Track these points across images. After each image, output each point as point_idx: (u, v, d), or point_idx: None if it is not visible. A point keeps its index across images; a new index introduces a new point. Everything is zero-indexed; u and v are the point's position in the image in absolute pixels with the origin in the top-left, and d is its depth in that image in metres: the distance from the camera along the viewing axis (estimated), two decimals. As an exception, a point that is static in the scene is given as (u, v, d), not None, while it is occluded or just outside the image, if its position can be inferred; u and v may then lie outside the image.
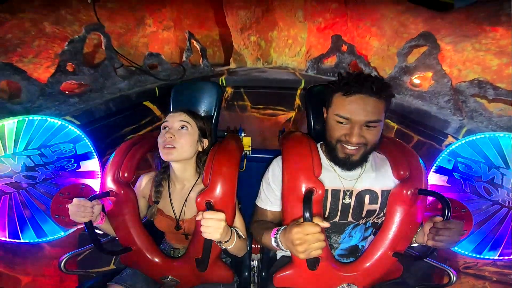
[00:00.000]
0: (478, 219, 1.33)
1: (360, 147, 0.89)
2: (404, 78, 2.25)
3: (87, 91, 1.96)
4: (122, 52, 2.44)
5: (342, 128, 0.89)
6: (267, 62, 3.51)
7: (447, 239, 0.80)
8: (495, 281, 1.58)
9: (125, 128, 2.19)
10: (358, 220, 1.00)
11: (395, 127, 2.29)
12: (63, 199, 1.27)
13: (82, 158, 1.44)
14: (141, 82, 2.36)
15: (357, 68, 2.71)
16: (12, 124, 1.32)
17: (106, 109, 1.98)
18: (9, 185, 1.33)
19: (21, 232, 1.34)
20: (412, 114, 2.12)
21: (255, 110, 2.99)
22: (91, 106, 1.90)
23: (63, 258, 1.03)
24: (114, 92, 2.13)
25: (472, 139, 1.37)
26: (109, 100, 2.03)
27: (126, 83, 2.23)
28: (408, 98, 2.21)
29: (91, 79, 1.99)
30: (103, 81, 2.06)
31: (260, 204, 1.08)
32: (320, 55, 2.93)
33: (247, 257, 1.24)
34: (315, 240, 0.72)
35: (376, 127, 0.88)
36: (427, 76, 2.20)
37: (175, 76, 2.61)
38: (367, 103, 0.85)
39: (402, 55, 2.23)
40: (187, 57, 2.75)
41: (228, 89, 2.87)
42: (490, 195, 1.34)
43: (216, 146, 1.03)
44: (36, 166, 1.37)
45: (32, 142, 1.35)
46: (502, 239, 1.32)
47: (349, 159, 0.92)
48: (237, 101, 2.95)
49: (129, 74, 2.30)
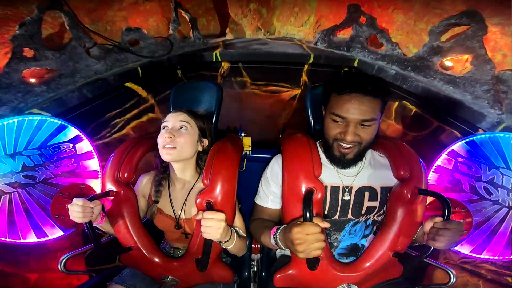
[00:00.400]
0: (478, 219, 1.33)
1: (354, 145, 0.91)
2: (434, 59, 1.98)
3: (56, 78, 1.75)
4: (96, 30, 2.13)
5: (338, 127, 0.91)
6: (269, 32, 3.10)
7: (447, 239, 0.80)
8: (489, 280, 1.58)
9: (108, 113, 2.04)
10: (358, 217, 1.00)
11: (413, 109, 2.10)
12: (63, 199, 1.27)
13: (82, 158, 1.44)
14: (120, 62, 2.10)
15: (376, 43, 2.43)
16: (12, 124, 1.32)
17: (80, 96, 1.78)
18: (9, 185, 1.33)
19: (21, 232, 1.34)
20: (441, 102, 1.85)
21: (255, 86, 2.71)
22: (61, 94, 1.70)
23: (63, 258, 1.03)
24: (89, 75, 1.91)
25: (472, 139, 1.37)
26: (83, 85, 1.82)
27: (102, 64, 1.99)
28: (437, 83, 1.94)
29: (58, 63, 1.76)
30: (73, 64, 1.84)
31: (259, 202, 1.09)
32: (333, 26, 2.56)
33: (247, 257, 1.24)
34: (315, 240, 0.73)
35: (371, 126, 0.89)
36: (461, 59, 1.96)
37: (161, 52, 2.32)
38: (362, 102, 0.86)
39: (435, 33, 1.94)
40: (174, 30, 2.45)
41: (224, 64, 2.61)
42: (490, 195, 1.34)
43: (216, 146, 1.03)
44: (36, 166, 1.37)
45: (32, 142, 1.35)
46: (502, 239, 1.32)
47: (344, 158, 0.94)
48: (235, 77, 2.69)
49: (105, 54, 2.04)
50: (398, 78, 2.08)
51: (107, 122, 2.03)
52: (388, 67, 2.18)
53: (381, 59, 2.27)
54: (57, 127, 1.39)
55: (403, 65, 2.12)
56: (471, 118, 1.72)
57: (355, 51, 2.41)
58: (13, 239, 1.33)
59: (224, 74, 2.67)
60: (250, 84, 2.70)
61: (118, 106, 2.10)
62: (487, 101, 1.73)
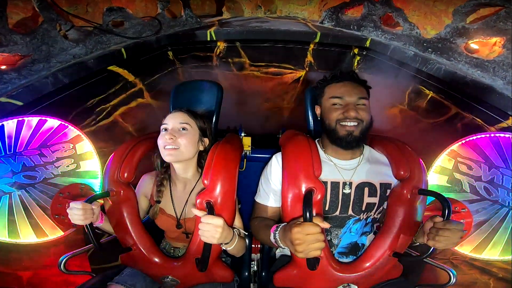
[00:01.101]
0: (478, 219, 1.33)
1: (358, 123, 0.97)
2: (458, 41, 1.81)
3: (28, 63, 1.59)
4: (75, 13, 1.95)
5: (338, 109, 0.99)
6: (270, 11, 2.89)
7: (447, 239, 0.81)
8: (500, 279, 1.53)
9: (90, 100, 1.85)
10: (358, 214, 1.01)
11: (429, 95, 1.95)
12: (63, 199, 1.27)
13: (82, 158, 1.44)
14: (102, 44, 1.89)
15: (390, 22, 2.21)
16: (12, 124, 1.32)
17: (56, 82, 1.60)
18: (9, 185, 1.33)
19: (21, 232, 1.34)
20: (467, 86, 1.68)
21: (255, 68, 2.49)
22: (34, 80, 1.54)
23: (63, 258, 1.03)
24: (66, 60, 1.71)
25: (472, 139, 1.37)
26: (58, 70, 1.63)
27: (81, 47, 1.79)
28: (462, 66, 1.77)
29: (30, 48, 1.60)
30: (47, 48, 1.65)
31: (259, 200, 1.09)
32: (342, 4, 2.32)
33: (247, 257, 1.24)
34: (314, 240, 0.73)
35: (365, 105, 0.99)
36: (489, 43, 1.82)
37: (149, 32, 2.09)
38: (355, 86, 1.01)
39: (461, 14, 1.78)
40: (162, 8, 2.23)
41: (220, 44, 2.37)
42: (490, 195, 1.34)
43: (216, 146, 1.03)
44: (36, 166, 1.37)
45: (32, 142, 1.35)
46: (502, 239, 1.32)
47: (351, 135, 0.97)
48: (232, 58, 2.44)
49: (85, 37, 1.83)
50: (417, 60, 1.88)
51: (91, 109, 1.85)
52: (405, 48, 1.97)
53: (396, 40, 2.04)
54: (57, 127, 1.39)
55: (423, 47, 1.92)
56: (502, 105, 1.56)
57: (367, 30, 2.16)
58: (13, 239, 1.33)
59: (220, 55, 2.41)
60: (249, 66, 2.46)
61: (101, 92, 1.89)
62: (521, 87, 1.52)
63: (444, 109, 1.88)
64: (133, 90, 2.20)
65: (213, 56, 2.48)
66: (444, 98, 1.87)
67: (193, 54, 2.44)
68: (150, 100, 2.33)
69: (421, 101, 2.00)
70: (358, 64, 2.32)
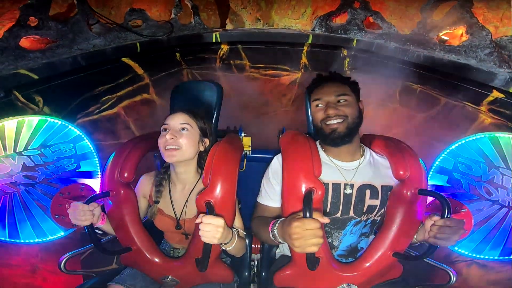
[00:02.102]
0: (478, 219, 1.33)
1: (342, 120, 0.99)
2: (430, 34, 2.05)
3: (53, 47, 1.73)
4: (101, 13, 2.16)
5: (321, 110, 1.03)
6: (268, 24, 3.15)
7: (448, 237, 0.81)
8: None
9: (99, 87, 1.94)
10: (359, 216, 1.01)
11: (417, 89, 2.10)
12: (63, 199, 1.27)
13: (82, 158, 1.44)
14: (120, 39, 2.08)
15: (372, 25, 2.46)
16: (12, 124, 1.32)
17: (74, 63, 1.71)
18: (9, 185, 1.33)
19: (21, 232, 1.34)
20: (446, 66, 1.88)
21: (255, 70, 2.66)
22: (55, 60, 1.66)
23: (63, 258, 1.03)
24: (87, 48, 1.87)
25: (472, 139, 1.37)
26: (78, 54, 1.76)
27: (102, 39, 1.97)
28: (438, 53, 1.98)
29: (59, 34, 1.76)
30: (73, 36, 1.83)
31: (261, 200, 1.10)
32: (329, 12, 2.59)
33: (247, 257, 1.24)
34: (312, 235, 0.73)
35: (347, 100, 1.02)
36: (457, 34, 2.04)
37: (161, 33, 2.32)
38: (333, 86, 1.05)
39: (426, 10, 2.05)
40: (176, 14, 2.48)
41: (224, 46, 2.57)
42: (490, 195, 1.34)
43: (216, 146, 1.03)
44: (36, 166, 1.37)
45: (32, 142, 1.35)
46: (502, 239, 1.32)
47: (335, 132, 1.00)
48: (234, 60, 2.62)
49: (106, 31, 2.03)
50: (398, 51, 2.14)
51: (97, 97, 1.93)
52: (387, 44, 2.25)
53: (378, 38, 2.33)
54: (57, 127, 1.39)
55: (401, 41, 2.18)
56: (482, 79, 1.71)
57: (353, 33, 2.47)
58: (13, 239, 1.34)
59: (223, 57, 2.60)
60: (249, 68, 2.63)
61: (111, 81, 2.00)
62: (493, 62, 1.74)
63: (434, 101, 2.01)
64: (140, 84, 2.29)
65: (216, 58, 2.63)
66: (431, 89, 2.03)
67: (198, 56, 2.61)
68: (155, 96, 2.42)
69: (412, 97, 2.14)
70: (349, 65, 2.49)
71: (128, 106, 2.24)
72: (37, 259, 1.42)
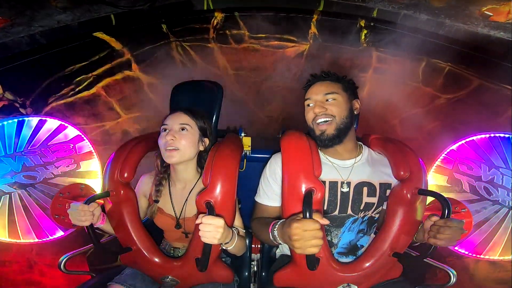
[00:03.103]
0: (478, 219, 1.33)
1: (330, 121, 1.00)
2: (470, 8, 1.72)
3: (7, 27, 1.48)
4: None
5: (311, 109, 1.04)
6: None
7: (448, 237, 0.81)
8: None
9: (70, 66, 1.72)
10: (357, 213, 1.01)
11: (445, 68, 1.86)
12: (63, 199, 1.27)
13: (82, 158, 1.44)
14: (92, 12, 1.76)
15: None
16: (12, 124, 1.32)
17: (32, 42, 1.47)
18: (9, 185, 1.33)
19: (21, 232, 1.34)
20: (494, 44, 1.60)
21: (255, 40, 2.30)
22: (7, 40, 1.42)
23: (63, 258, 1.03)
24: (49, 25, 1.58)
25: (472, 139, 1.37)
26: (37, 32, 1.50)
27: (68, 14, 1.66)
28: (482, 29, 1.68)
29: (12, 12, 1.48)
30: (31, 13, 1.54)
31: (259, 200, 1.10)
32: None
33: (247, 257, 1.24)
34: (312, 237, 0.73)
35: (335, 99, 1.02)
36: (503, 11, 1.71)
37: (142, 2, 1.94)
38: (322, 85, 1.05)
39: None
40: None
41: (217, 15, 2.19)
42: (490, 195, 1.34)
43: (216, 146, 1.03)
44: (36, 166, 1.37)
45: (32, 142, 1.35)
46: (502, 239, 1.32)
47: (324, 134, 1.01)
48: (230, 30, 2.26)
49: (75, 5, 1.72)
50: (432, 24, 1.80)
51: (70, 77, 1.70)
52: (416, 15, 1.89)
53: (405, 8, 1.95)
54: (57, 127, 1.39)
55: (434, 14, 1.83)
56: None
57: (373, 1, 2.06)
58: (13, 239, 1.34)
59: (217, 27, 2.22)
60: (248, 38, 2.27)
61: (83, 59, 1.74)
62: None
63: (465, 82, 1.77)
64: (120, 60, 2.04)
65: (209, 28, 2.30)
66: (465, 69, 1.77)
67: (188, 27, 2.27)
68: (139, 73, 2.15)
69: (438, 75, 1.89)
70: (366, 37, 2.16)
71: (108, 85, 2.00)
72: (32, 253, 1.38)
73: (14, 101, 1.29)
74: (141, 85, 2.14)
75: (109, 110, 2.00)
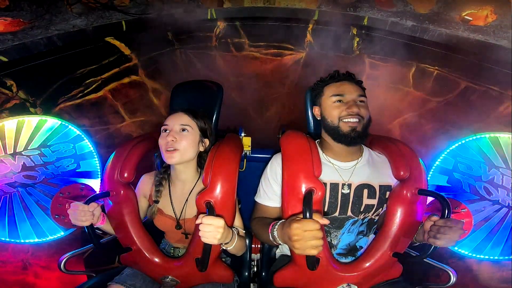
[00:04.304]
0: (478, 219, 1.33)
1: (360, 119, 0.99)
2: (451, 14, 1.89)
3: (27, 29, 1.63)
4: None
5: (340, 106, 1.01)
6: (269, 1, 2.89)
7: (448, 237, 0.81)
8: None
9: (81, 69, 1.82)
10: (357, 215, 1.01)
11: (434, 72, 1.96)
12: (63, 199, 1.27)
13: (82, 158, 1.44)
14: (104, 19, 1.97)
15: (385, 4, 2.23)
16: (12, 124, 1.32)
17: (49, 43, 1.62)
18: (9, 185, 1.33)
19: (21, 232, 1.34)
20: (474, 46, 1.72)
21: (255, 49, 2.46)
22: (27, 41, 1.55)
23: (63, 258, 1.03)
24: (65, 29, 1.75)
25: (472, 139, 1.37)
26: (54, 35, 1.65)
27: (83, 19, 1.85)
28: (462, 33, 1.81)
29: (33, 15, 1.66)
30: (50, 17, 1.73)
31: (259, 200, 1.10)
32: None
33: (247, 257, 1.24)
34: (312, 237, 0.73)
35: (364, 102, 1.03)
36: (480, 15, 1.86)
37: (151, 11, 2.16)
38: (353, 85, 1.04)
39: None
40: None
41: (220, 24, 2.38)
42: (490, 195, 1.34)
43: (216, 146, 1.03)
44: (36, 166, 1.37)
45: (32, 142, 1.35)
46: (502, 239, 1.32)
47: (355, 131, 0.98)
48: (231, 38, 2.43)
49: (88, 11, 1.92)
50: (417, 30, 1.96)
51: (80, 80, 1.81)
52: (402, 22, 2.06)
53: (393, 16, 2.14)
54: (57, 127, 1.39)
55: (419, 20, 2.01)
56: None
57: (363, 10, 2.25)
58: (13, 239, 1.34)
59: (219, 35, 2.41)
60: (248, 46, 2.44)
61: (94, 62, 1.86)
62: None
63: (453, 84, 1.86)
64: (127, 65, 2.16)
65: (212, 36, 2.46)
66: (451, 71, 1.87)
67: (192, 35, 2.41)
68: (144, 78, 2.27)
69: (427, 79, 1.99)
70: (358, 45, 2.33)
71: (115, 88, 2.10)
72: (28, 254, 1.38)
73: (26, 100, 1.34)
74: (146, 90, 2.23)
75: (114, 113, 2.07)
